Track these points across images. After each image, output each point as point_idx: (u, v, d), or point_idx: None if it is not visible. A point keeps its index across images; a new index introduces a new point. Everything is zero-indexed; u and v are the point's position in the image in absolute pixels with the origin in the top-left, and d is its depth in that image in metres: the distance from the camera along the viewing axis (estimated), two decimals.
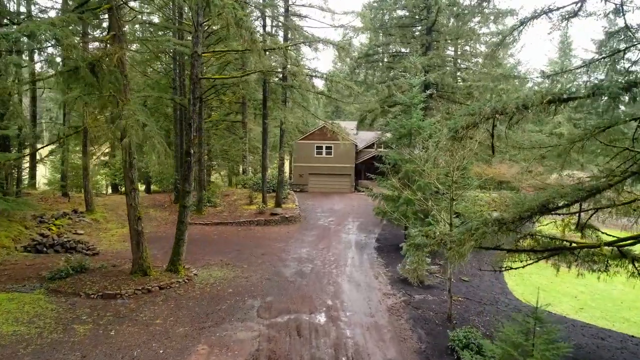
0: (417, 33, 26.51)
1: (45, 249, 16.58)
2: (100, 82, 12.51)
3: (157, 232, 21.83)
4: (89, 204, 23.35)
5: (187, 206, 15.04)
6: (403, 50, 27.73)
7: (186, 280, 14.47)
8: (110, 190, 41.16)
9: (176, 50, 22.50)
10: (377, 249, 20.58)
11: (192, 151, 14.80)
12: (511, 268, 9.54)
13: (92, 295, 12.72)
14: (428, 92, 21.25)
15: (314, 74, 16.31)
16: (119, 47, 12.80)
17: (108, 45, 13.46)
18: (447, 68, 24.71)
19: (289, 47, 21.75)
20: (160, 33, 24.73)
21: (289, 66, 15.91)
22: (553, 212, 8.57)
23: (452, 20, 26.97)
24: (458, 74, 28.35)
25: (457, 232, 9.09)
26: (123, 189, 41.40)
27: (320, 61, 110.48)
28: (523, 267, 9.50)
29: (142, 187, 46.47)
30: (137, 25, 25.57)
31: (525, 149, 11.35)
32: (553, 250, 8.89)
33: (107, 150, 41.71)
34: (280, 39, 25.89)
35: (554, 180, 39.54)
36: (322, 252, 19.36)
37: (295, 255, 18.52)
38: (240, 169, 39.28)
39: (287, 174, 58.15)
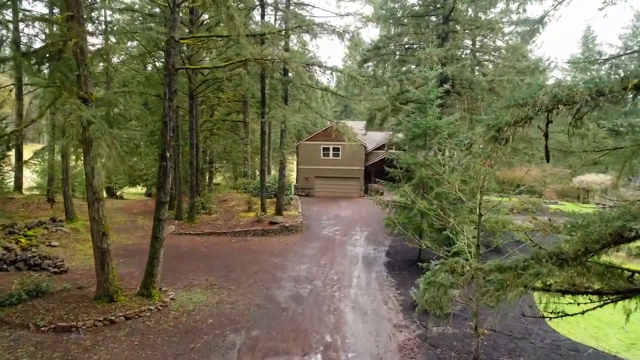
0: (432, 22, 24.13)
1: (5, 266, 14.66)
2: (53, 73, 10.50)
3: (141, 243, 19.81)
4: (69, 211, 21.47)
5: (163, 219, 12.95)
6: (416, 44, 25.35)
7: (160, 307, 12.36)
8: (105, 194, 39.55)
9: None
10: (387, 265, 18.27)
11: (167, 154, 12.71)
12: (566, 314, 7.18)
13: (43, 328, 10.70)
14: (445, 86, 18.89)
15: (311, 63, 14.00)
16: (76, 32, 10.75)
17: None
18: (467, 60, 22.27)
19: (288, 36, 19.57)
20: (152, 25, 22.83)
21: (276, 51, 13.64)
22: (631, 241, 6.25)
23: (469, 11, 24.57)
24: (477, 67, 25.86)
25: (493, 265, 6.80)
26: (118, 192, 39.92)
27: (321, 50, 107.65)
28: (582, 313, 7.13)
29: (141, 190, 44.93)
30: (123, 16, 23.66)
31: (574, 152, 9.04)
32: (631, 293, 6.50)
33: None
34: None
35: (579, 184, 36.38)
36: (324, 269, 17.12)
37: (293, 274, 16.31)
38: (243, 172, 37.21)
39: (292, 177, 56.16)
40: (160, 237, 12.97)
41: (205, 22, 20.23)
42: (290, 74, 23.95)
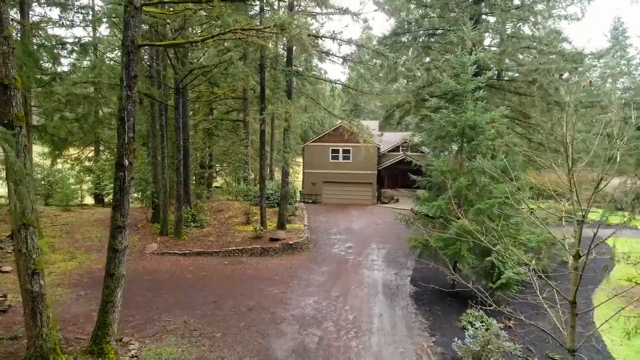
0: (461, 3, 20.71)
1: None
2: None
3: None
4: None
5: (120, 250, 9.70)
6: (441, 28, 21.90)
7: None
8: (93, 201, 36.53)
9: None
10: (414, 296, 14.91)
11: (125, 162, 9.48)
12: None
13: None
14: (489, 73, 15.58)
15: (315, 34, 10.70)
16: None
17: None
18: (508, 47, 18.80)
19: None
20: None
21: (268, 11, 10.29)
22: None
23: None
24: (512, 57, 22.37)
25: None
26: (107, 199, 36.83)
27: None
28: None
29: (136, 195, 41.75)
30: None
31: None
32: None
33: (90, 154, 37.23)
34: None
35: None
36: (336, 303, 13.81)
37: (297, 312, 13.02)
38: (244, 176, 33.99)
39: (298, 180, 52.85)
40: (117, 273, 9.73)
41: None
42: (294, 66, 20.76)
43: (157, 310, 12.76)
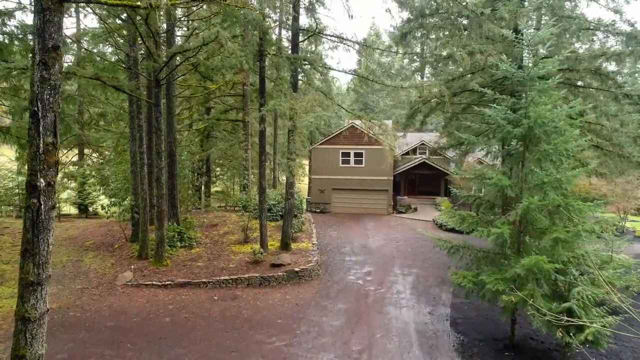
0: None
1: None
2: None
3: (74, 306, 13.27)
4: None
5: (34, 319, 6.34)
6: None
7: None
8: (77, 211, 33.32)
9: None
10: (459, 350, 11.42)
11: (40, 182, 6.13)
12: None
13: None
14: (565, 54, 12.16)
15: None
16: None
17: None
18: (573, 24, 15.26)
19: None
20: None
21: None
22: None
23: None
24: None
25: None
26: (92, 208, 33.62)
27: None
28: None
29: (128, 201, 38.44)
30: None
31: None
32: None
33: (74, 159, 34.03)
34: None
35: None
36: None
37: None
38: (244, 184, 30.60)
39: (304, 184, 49.40)
40: (30, 355, 6.35)
41: None
42: (299, 52, 17.38)
43: None
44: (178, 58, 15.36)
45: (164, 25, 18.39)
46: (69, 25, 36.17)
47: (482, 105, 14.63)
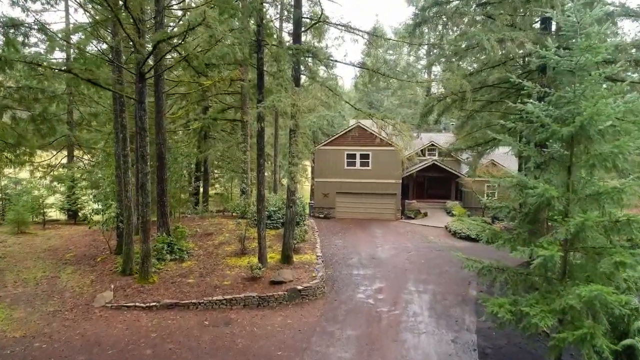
0: None
1: None
2: None
3: (40, 335, 11.54)
4: None
5: None
6: None
7: None
8: (66, 217, 31.59)
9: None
10: None
11: None
12: None
13: None
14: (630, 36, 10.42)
15: None
16: None
17: None
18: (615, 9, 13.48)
19: None
20: None
21: None
22: None
23: None
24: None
25: None
26: (81, 214, 31.80)
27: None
28: None
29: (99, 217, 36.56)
30: None
31: None
32: None
33: (63, 160, 32.32)
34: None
35: None
36: None
37: None
38: (242, 188, 28.83)
39: (306, 186, 47.58)
40: None
41: None
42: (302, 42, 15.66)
43: None
44: (165, 49, 13.67)
45: (154, 16, 16.74)
46: (57, 20, 34.44)
47: (504, 102, 12.86)
